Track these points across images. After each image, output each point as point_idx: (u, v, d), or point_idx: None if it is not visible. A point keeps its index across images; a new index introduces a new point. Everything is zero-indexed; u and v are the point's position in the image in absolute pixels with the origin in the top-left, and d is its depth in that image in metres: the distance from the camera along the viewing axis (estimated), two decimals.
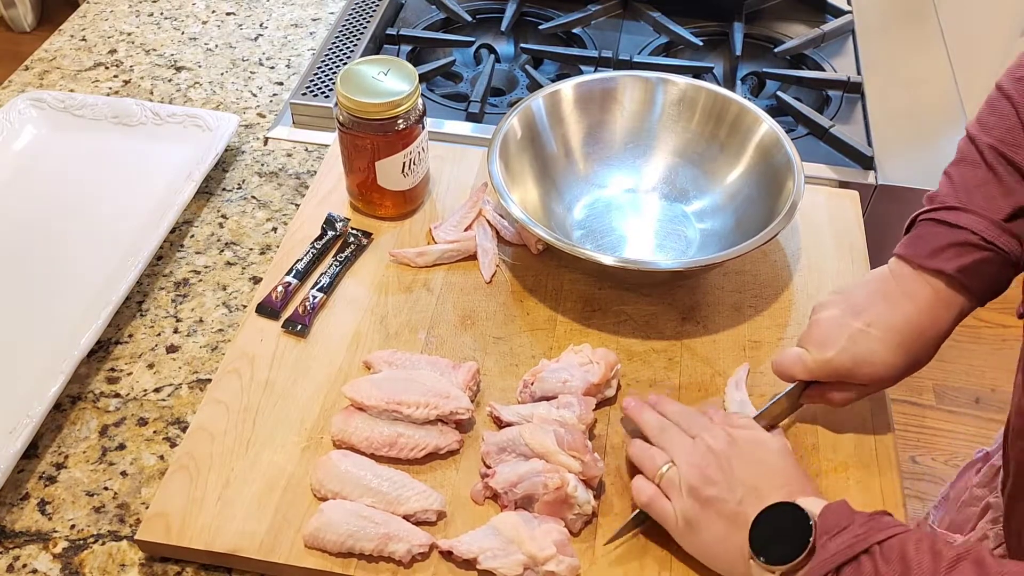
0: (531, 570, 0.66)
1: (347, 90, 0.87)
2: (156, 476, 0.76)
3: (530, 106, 0.95)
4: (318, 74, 1.16)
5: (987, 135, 0.71)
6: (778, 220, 0.83)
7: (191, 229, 0.98)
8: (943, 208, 0.71)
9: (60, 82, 1.19)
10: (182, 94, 1.17)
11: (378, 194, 0.93)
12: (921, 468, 1.91)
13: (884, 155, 1.08)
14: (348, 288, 0.89)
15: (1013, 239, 0.69)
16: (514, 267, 0.91)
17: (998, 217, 0.69)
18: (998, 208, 0.69)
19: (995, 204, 0.69)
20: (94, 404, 0.82)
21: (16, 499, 0.75)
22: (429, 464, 0.75)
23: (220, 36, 1.27)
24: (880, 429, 0.78)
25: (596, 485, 0.71)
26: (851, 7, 1.34)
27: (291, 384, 0.80)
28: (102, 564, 0.71)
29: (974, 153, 0.72)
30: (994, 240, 0.68)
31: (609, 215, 0.97)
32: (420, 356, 0.80)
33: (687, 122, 0.99)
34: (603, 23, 1.31)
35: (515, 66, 1.26)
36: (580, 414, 0.74)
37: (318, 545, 0.68)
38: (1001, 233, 0.69)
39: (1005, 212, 0.69)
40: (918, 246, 0.72)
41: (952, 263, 0.69)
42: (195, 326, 0.88)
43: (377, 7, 1.28)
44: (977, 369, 2.08)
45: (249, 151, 1.08)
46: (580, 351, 0.79)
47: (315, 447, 0.76)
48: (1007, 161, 0.70)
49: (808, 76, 1.20)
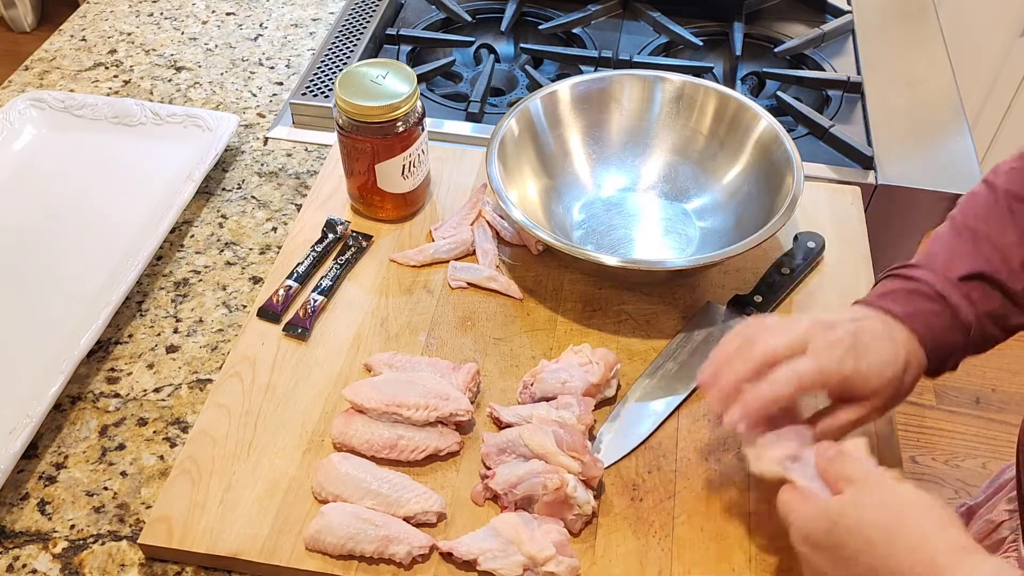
0: (531, 571, 0.66)
1: (346, 93, 0.87)
2: (156, 476, 0.76)
3: (528, 107, 0.95)
4: (318, 74, 1.16)
5: (959, 211, 0.73)
6: (778, 216, 0.84)
7: (191, 229, 0.98)
8: (904, 266, 0.72)
9: (60, 82, 1.19)
10: (182, 94, 1.17)
11: (378, 197, 0.93)
12: (921, 468, 1.91)
13: (884, 155, 1.08)
14: (348, 291, 0.89)
15: (964, 299, 0.68)
16: (514, 267, 0.91)
17: (953, 275, 0.69)
18: (956, 268, 0.69)
19: (954, 264, 0.69)
20: (94, 404, 0.82)
21: (16, 499, 0.75)
22: (429, 466, 0.75)
23: (220, 36, 1.27)
24: (882, 428, 0.78)
25: (596, 485, 0.71)
26: (851, 7, 1.34)
27: (292, 387, 0.80)
28: (102, 564, 0.71)
29: (945, 225, 0.73)
30: (945, 294, 0.68)
31: (609, 215, 0.97)
32: (420, 358, 0.80)
33: (686, 120, 0.99)
34: (603, 23, 1.31)
35: (515, 66, 1.26)
36: (580, 415, 0.74)
37: (319, 548, 0.68)
38: (953, 290, 0.68)
39: (961, 272, 0.69)
40: (872, 292, 0.72)
41: (901, 307, 0.68)
42: (195, 326, 0.88)
43: (377, 7, 1.28)
44: (977, 369, 2.08)
45: (249, 151, 1.08)
46: (580, 351, 0.79)
47: (316, 450, 0.76)
48: (971, 230, 0.71)
49: (808, 76, 1.20)
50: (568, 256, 0.82)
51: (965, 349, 0.70)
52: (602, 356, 0.78)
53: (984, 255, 0.69)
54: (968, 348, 0.70)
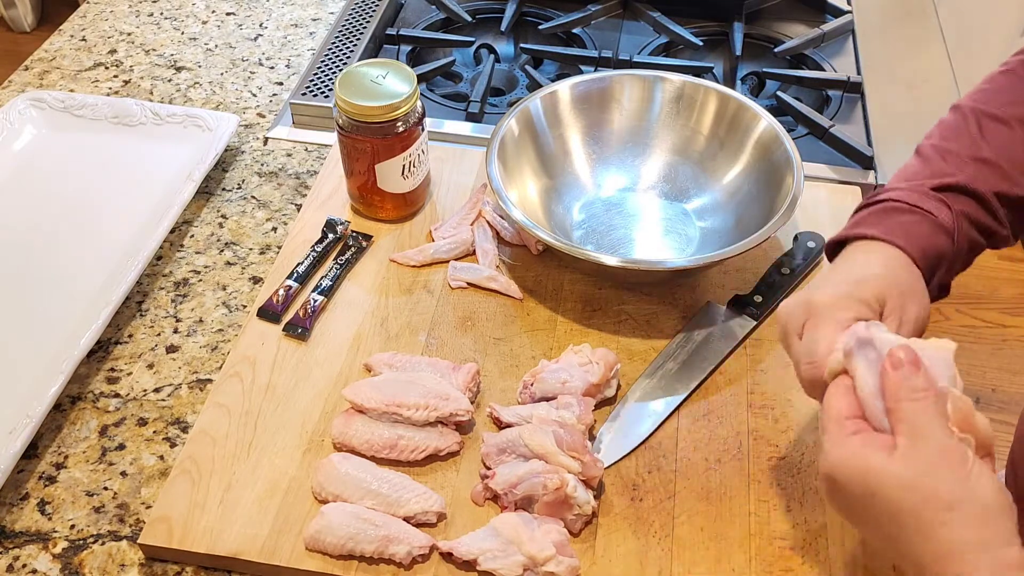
0: (531, 571, 0.66)
1: (346, 93, 0.87)
2: (156, 476, 0.76)
3: (528, 107, 0.95)
4: (318, 74, 1.16)
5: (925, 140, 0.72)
6: (778, 216, 0.84)
7: (191, 229, 0.98)
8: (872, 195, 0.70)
9: (60, 82, 1.19)
10: (182, 94, 1.17)
11: (379, 197, 0.93)
12: None
13: (884, 155, 1.08)
14: (348, 291, 0.89)
15: (942, 204, 0.66)
16: (514, 267, 0.91)
17: (925, 187, 0.67)
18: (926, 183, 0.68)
19: (923, 181, 0.68)
20: (94, 404, 0.82)
21: (16, 499, 0.75)
22: (429, 466, 0.75)
23: (220, 36, 1.27)
24: None
25: (596, 485, 0.71)
26: (851, 7, 1.34)
27: (292, 387, 0.80)
28: (102, 564, 0.71)
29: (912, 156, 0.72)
30: (918, 204, 0.66)
31: (609, 214, 0.97)
32: (420, 358, 0.80)
33: (686, 120, 0.99)
34: (603, 23, 1.31)
35: (515, 66, 1.26)
36: (580, 415, 0.74)
37: (319, 548, 0.68)
38: (926, 198, 0.66)
39: (933, 184, 0.67)
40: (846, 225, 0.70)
41: (878, 228, 0.66)
42: (195, 326, 0.88)
43: (377, 7, 1.28)
44: (977, 369, 2.08)
45: (249, 151, 1.08)
46: (580, 351, 0.79)
47: (316, 450, 0.76)
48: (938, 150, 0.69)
49: (808, 76, 1.20)
50: (568, 256, 0.82)
51: (953, 257, 0.68)
52: (602, 356, 0.78)
53: (952, 169, 0.68)
54: (956, 256, 0.68)
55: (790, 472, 0.74)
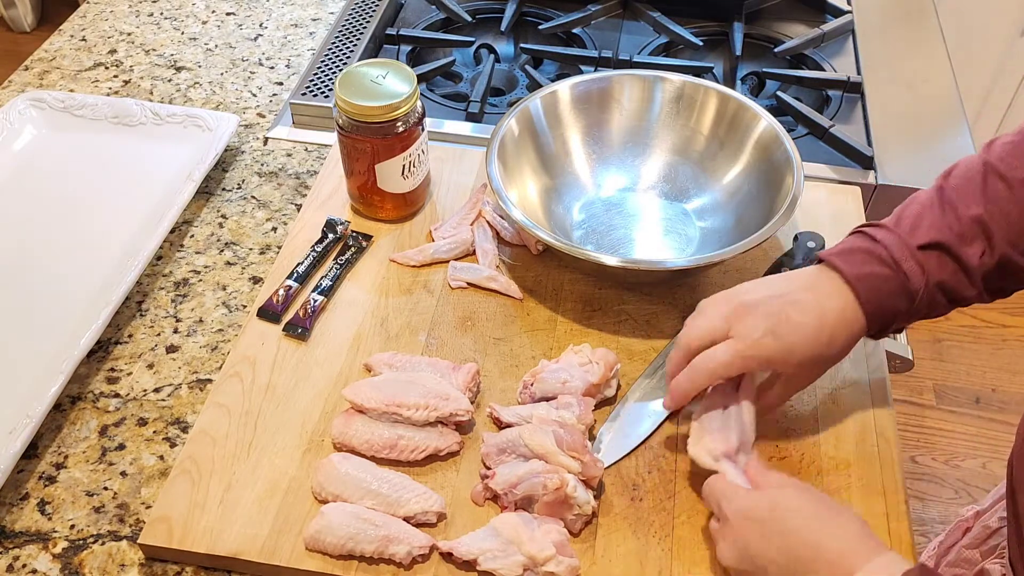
0: (531, 571, 0.66)
1: (345, 93, 0.87)
2: (156, 476, 0.76)
3: (528, 107, 0.95)
4: (318, 74, 1.16)
5: (946, 175, 0.73)
6: (778, 216, 0.84)
7: (191, 229, 0.98)
8: (873, 225, 0.72)
9: (60, 82, 1.19)
10: (182, 94, 1.17)
11: (379, 197, 0.93)
12: (921, 468, 1.91)
13: (884, 155, 1.08)
14: (348, 291, 0.89)
15: (918, 268, 0.69)
16: (514, 267, 0.91)
17: (914, 242, 0.69)
18: (918, 235, 0.69)
19: (918, 231, 0.70)
20: (94, 404, 0.82)
21: (16, 499, 0.75)
22: (429, 466, 0.75)
23: (220, 36, 1.27)
24: (882, 426, 0.78)
25: (596, 485, 0.71)
26: (851, 7, 1.34)
27: (292, 387, 0.80)
28: (102, 564, 0.71)
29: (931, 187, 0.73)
30: (900, 260, 0.69)
31: (609, 215, 0.97)
32: (420, 358, 0.80)
33: (686, 120, 0.99)
34: (603, 23, 1.31)
35: (515, 66, 1.26)
36: (580, 415, 0.74)
37: (319, 548, 0.68)
38: (909, 257, 0.69)
39: (922, 240, 0.69)
40: (836, 246, 0.72)
41: (854, 267, 0.69)
42: (195, 326, 0.88)
43: (377, 7, 1.28)
44: (977, 369, 2.08)
45: (249, 151, 1.08)
46: (580, 351, 0.79)
47: (316, 450, 0.76)
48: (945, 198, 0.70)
49: (808, 76, 1.20)
50: (568, 256, 0.82)
51: (909, 315, 0.71)
52: (602, 356, 0.78)
53: (947, 224, 0.69)
54: (912, 315, 0.71)
55: (790, 472, 0.74)
